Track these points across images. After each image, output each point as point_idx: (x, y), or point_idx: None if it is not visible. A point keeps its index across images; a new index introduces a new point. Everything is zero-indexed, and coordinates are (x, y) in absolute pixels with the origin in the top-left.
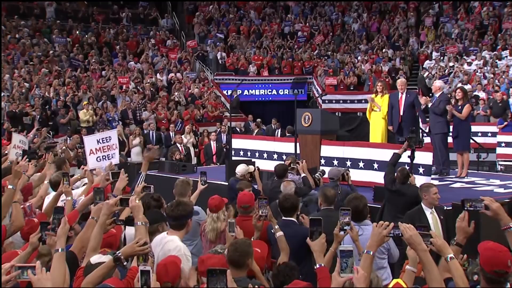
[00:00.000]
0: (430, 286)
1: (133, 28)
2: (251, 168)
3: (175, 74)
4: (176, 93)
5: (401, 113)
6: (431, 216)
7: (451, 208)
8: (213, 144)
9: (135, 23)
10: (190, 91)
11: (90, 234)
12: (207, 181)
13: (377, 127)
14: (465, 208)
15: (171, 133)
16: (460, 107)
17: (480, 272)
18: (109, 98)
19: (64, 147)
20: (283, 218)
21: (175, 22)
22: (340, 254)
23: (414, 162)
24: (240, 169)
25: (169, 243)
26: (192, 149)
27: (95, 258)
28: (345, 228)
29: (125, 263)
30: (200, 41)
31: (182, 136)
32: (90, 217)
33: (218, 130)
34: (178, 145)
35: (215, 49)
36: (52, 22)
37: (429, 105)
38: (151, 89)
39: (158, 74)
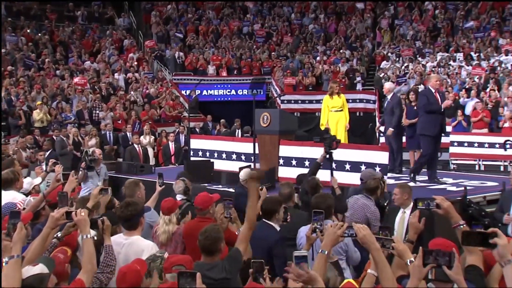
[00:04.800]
0: (383, 284)
1: (89, 27)
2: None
3: (132, 74)
4: (132, 93)
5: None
6: (401, 216)
7: None
8: (172, 145)
9: (90, 21)
10: (147, 91)
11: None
12: (165, 182)
13: (337, 128)
14: (418, 207)
15: (128, 134)
16: (414, 108)
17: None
18: (64, 98)
19: (16, 148)
20: (263, 220)
21: (132, 22)
22: (295, 260)
23: (371, 161)
24: (243, 173)
25: (139, 243)
26: (150, 149)
27: (24, 270)
28: (316, 230)
29: None
30: (158, 41)
31: (141, 137)
32: None
33: (177, 130)
34: (136, 146)
35: (173, 49)
36: (3, 19)
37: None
38: (108, 88)
39: (115, 74)
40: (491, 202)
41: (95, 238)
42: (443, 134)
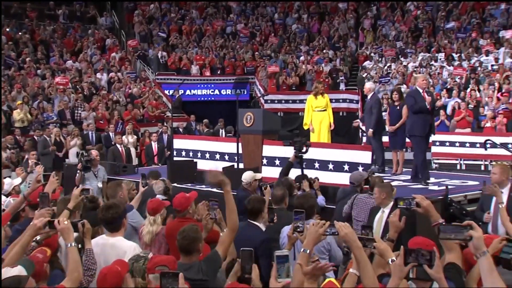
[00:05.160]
0: (364, 282)
1: (71, 26)
2: (258, 175)
3: (115, 73)
4: (115, 93)
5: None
6: (379, 215)
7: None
8: (154, 145)
9: (72, 20)
10: (130, 91)
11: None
12: (148, 182)
13: (321, 127)
14: (398, 206)
15: (111, 134)
16: (398, 108)
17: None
18: (45, 97)
19: None
20: (248, 220)
21: (115, 21)
22: (277, 260)
23: (354, 161)
24: (246, 176)
25: (121, 244)
26: (133, 149)
27: (2, 271)
28: (297, 230)
29: None
30: (141, 41)
31: (123, 136)
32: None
33: (160, 130)
34: (119, 146)
35: (156, 48)
36: None
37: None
38: (90, 88)
39: (97, 73)
40: (472, 201)
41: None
42: (432, 134)
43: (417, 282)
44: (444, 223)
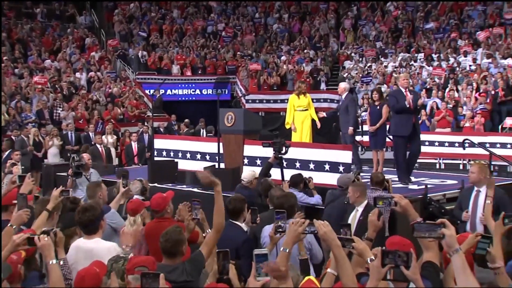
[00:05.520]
0: (343, 281)
1: (49, 25)
2: (256, 174)
3: (95, 73)
4: (95, 92)
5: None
6: (353, 214)
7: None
8: (134, 145)
9: (50, 19)
10: (110, 90)
11: (6, 242)
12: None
13: (302, 127)
14: (378, 206)
15: (91, 134)
16: (378, 108)
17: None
18: (23, 97)
19: None
20: (230, 220)
21: (94, 20)
22: (256, 259)
23: (334, 160)
24: (246, 174)
25: (99, 245)
26: (113, 150)
27: None
28: (279, 230)
29: None
30: (121, 40)
31: (103, 136)
32: (8, 224)
33: (140, 130)
34: (98, 146)
35: (136, 48)
36: None
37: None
38: (69, 87)
39: (77, 73)
40: (450, 200)
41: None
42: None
43: (394, 282)
44: (421, 222)
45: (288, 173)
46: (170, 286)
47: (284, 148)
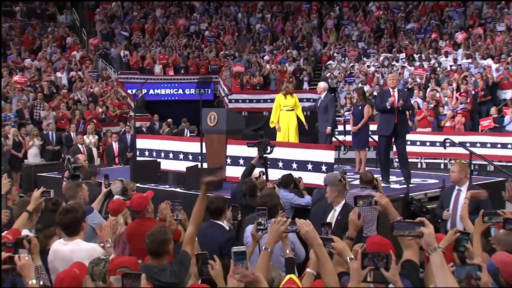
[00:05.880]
0: (324, 279)
1: (29, 24)
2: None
3: (76, 72)
4: (77, 92)
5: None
6: (332, 214)
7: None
8: (115, 145)
9: (30, 18)
10: (92, 90)
11: None
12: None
13: (288, 126)
14: (358, 205)
15: (72, 134)
16: (360, 108)
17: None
18: (3, 97)
19: None
20: (211, 220)
21: (75, 19)
22: (234, 257)
23: (317, 160)
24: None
25: (80, 247)
26: (94, 150)
27: None
28: (260, 228)
29: None
30: (102, 39)
31: (84, 136)
32: None
33: (122, 130)
34: (80, 146)
35: (118, 47)
36: None
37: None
38: (50, 87)
39: (57, 72)
40: (432, 199)
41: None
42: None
43: (374, 284)
44: (401, 221)
45: (272, 173)
46: (152, 286)
47: (269, 148)
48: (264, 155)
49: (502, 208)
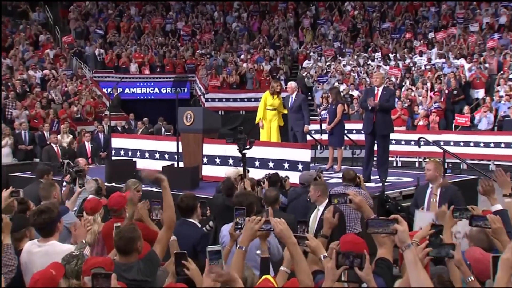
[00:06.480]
0: (298, 277)
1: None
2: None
3: (50, 71)
4: (51, 91)
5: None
6: (315, 213)
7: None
8: (88, 145)
9: (1, 15)
10: (66, 89)
11: None
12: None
13: (271, 125)
14: (332, 203)
15: (46, 133)
16: (333, 107)
17: None
18: None
19: None
20: (182, 218)
21: (49, 16)
22: (209, 256)
23: (293, 159)
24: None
25: (56, 248)
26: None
27: None
28: (238, 227)
29: None
30: (77, 37)
31: (58, 136)
32: None
33: (96, 129)
34: (54, 146)
35: (93, 45)
36: None
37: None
38: (23, 85)
39: (30, 70)
40: (406, 197)
41: None
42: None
43: (348, 283)
44: (375, 218)
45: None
46: (125, 285)
47: (248, 144)
48: (243, 151)
49: (474, 204)
